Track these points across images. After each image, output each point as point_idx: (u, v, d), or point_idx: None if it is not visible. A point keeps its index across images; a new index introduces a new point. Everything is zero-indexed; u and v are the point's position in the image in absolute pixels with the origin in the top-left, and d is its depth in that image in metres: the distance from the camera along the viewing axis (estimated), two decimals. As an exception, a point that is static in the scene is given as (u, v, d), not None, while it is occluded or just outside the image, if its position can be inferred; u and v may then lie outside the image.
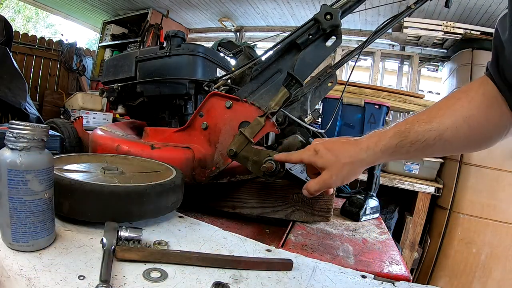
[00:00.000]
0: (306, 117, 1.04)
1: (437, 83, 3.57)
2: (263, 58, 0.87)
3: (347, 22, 3.35)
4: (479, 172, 2.06)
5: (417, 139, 0.52)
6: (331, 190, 0.67)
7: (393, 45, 3.45)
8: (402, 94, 2.41)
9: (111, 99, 1.17)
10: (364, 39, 1.47)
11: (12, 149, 0.43)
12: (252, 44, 1.74)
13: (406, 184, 2.16)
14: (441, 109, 0.53)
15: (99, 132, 0.93)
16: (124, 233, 0.50)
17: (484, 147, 0.55)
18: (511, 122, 0.50)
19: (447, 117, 0.51)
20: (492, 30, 2.41)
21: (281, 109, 0.75)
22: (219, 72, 1.10)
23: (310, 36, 0.80)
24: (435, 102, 0.57)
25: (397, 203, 2.38)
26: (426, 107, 0.58)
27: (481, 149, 0.55)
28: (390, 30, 2.73)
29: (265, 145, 1.05)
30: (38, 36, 4.00)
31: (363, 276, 0.56)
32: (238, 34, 3.98)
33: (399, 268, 0.65)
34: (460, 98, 0.52)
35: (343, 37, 0.85)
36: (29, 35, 3.93)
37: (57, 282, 0.40)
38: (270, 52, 0.85)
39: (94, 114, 3.20)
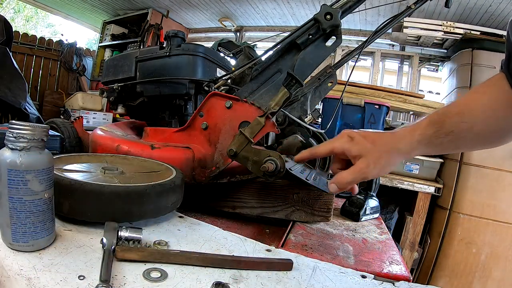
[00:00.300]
0: (306, 117, 1.04)
1: (437, 83, 3.57)
2: (263, 58, 0.87)
3: (347, 22, 3.35)
4: (479, 172, 2.06)
5: (450, 130, 0.52)
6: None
7: (393, 45, 3.45)
8: (402, 94, 2.41)
9: (111, 99, 1.17)
10: (364, 39, 1.47)
11: (12, 149, 0.43)
12: (252, 44, 1.74)
13: (406, 184, 2.16)
14: (470, 102, 0.54)
15: (99, 132, 0.93)
16: (124, 233, 0.50)
17: (503, 143, 0.55)
18: None
19: (477, 110, 0.52)
20: (492, 30, 2.42)
21: (281, 109, 0.75)
22: (219, 72, 1.10)
23: (310, 36, 0.80)
24: (460, 97, 0.57)
25: (397, 203, 2.38)
26: (425, 107, 0.60)
27: (499, 145, 0.55)
28: (390, 30, 2.73)
29: (265, 145, 1.05)
30: (38, 36, 4.00)
31: (363, 276, 0.56)
32: (238, 34, 3.98)
33: (399, 268, 0.65)
34: (485, 93, 0.53)
35: (343, 37, 0.84)
36: (29, 35, 3.93)
37: (57, 282, 0.40)
38: (270, 52, 0.85)
39: (94, 114, 3.20)
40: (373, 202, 1.02)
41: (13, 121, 0.44)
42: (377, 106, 2.06)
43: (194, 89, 1.03)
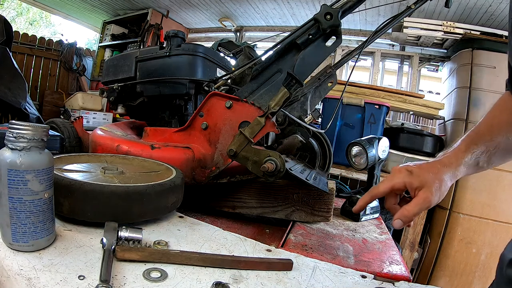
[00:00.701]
0: (306, 117, 1.04)
1: (437, 83, 3.57)
2: (263, 58, 0.87)
3: (347, 22, 3.35)
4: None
5: (484, 150, 0.59)
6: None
7: (393, 45, 3.45)
8: (402, 94, 2.41)
9: (111, 99, 1.17)
10: (364, 39, 1.47)
11: (12, 149, 0.43)
12: (252, 44, 1.74)
13: (406, 184, 2.15)
14: (492, 121, 0.62)
15: (99, 132, 0.93)
16: (124, 233, 0.50)
17: None
18: None
19: (498, 129, 0.60)
20: (492, 30, 2.41)
21: (281, 109, 0.75)
22: (219, 72, 1.10)
23: (310, 36, 0.80)
24: (484, 116, 0.65)
25: (397, 203, 2.38)
26: (425, 107, 0.64)
27: None
28: (390, 30, 2.73)
29: (265, 145, 1.05)
30: (38, 36, 4.00)
31: (363, 276, 0.56)
32: (238, 34, 3.98)
33: (399, 268, 0.65)
34: (502, 111, 0.62)
35: (343, 37, 0.85)
36: (29, 35, 3.93)
37: (57, 282, 0.40)
38: (270, 52, 0.85)
39: (94, 114, 3.20)
40: (373, 202, 1.02)
41: (13, 121, 0.44)
42: (377, 106, 2.06)
43: (194, 89, 1.03)
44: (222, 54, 1.28)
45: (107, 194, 0.55)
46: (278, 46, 0.84)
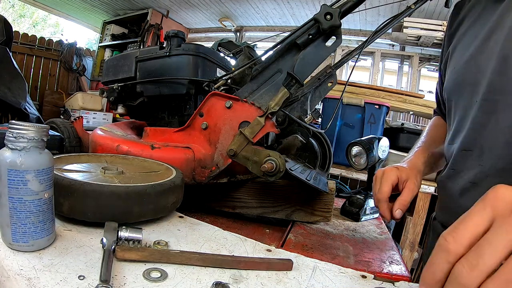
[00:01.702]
0: (306, 117, 1.04)
1: (437, 83, 3.56)
2: (263, 58, 0.87)
3: (347, 22, 3.35)
4: (479, 172, 2.05)
5: (433, 155, 0.81)
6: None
7: (393, 45, 3.45)
8: (402, 94, 2.41)
9: (111, 99, 1.17)
10: (364, 39, 1.47)
11: (12, 149, 0.43)
12: (252, 44, 1.74)
13: (406, 184, 2.15)
14: (433, 134, 0.89)
15: (99, 132, 0.93)
16: (124, 233, 0.50)
17: None
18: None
19: (439, 140, 0.84)
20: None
21: (281, 109, 0.75)
22: (219, 72, 1.10)
23: (310, 36, 0.80)
24: (426, 130, 0.94)
25: (397, 203, 2.38)
26: (425, 107, 0.77)
27: None
28: (390, 30, 2.73)
29: (265, 145, 1.05)
30: (38, 36, 4.00)
31: (363, 276, 0.56)
32: (238, 34, 3.98)
33: (399, 268, 0.65)
34: (437, 127, 0.92)
35: (343, 37, 0.84)
36: (29, 35, 3.93)
37: (57, 282, 0.40)
38: (270, 52, 0.85)
39: (94, 114, 3.20)
40: (373, 202, 1.02)
41: (13, 121, 0.44)
42: (377, 106, 2.06)
43: (194, 89, 1.03)
44: (222, 54, 1.28)
45: (107, 194, 0.55)
46: (278, 46, 0.84)
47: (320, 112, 1.20)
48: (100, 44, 4.14)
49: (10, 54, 2.30)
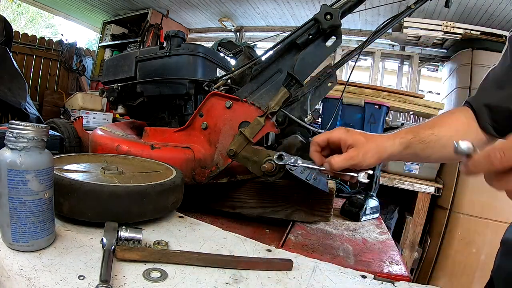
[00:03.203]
0: (306, 117, 1.04)
1: (437, 83, 3.57)
2: (263, 58, 0.87)
3: (347, 22, 3.35)
4: (479, 172, 2.05)
5: (422, 139, 0.64)
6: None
7: (393, 45, 3.45)
8: (402, 94, 2.41)
9: (111, 99, 1.17)
10: (364, 39, 1.47)
11: (12, 149, 0.43)
12: (252, 44, 1.74)
13: (406, 184, 2.16)
14: (440, 120, 0.70)
15: (99, 132, 0.93)
16: (124, 233, 0.50)
17: None
18: (483, 139, 0.67)
19: (444, 127, 0.66)
20: (492, 30, 2.41)
21: (281, 109, 0.75)
22: (219, 72, 1.10)
23: (310, 36, 0.80)
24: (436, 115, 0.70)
25: (397, 203, 2.38)
26: (425, 107, 0.66)
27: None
28: (390, 30, 2.73)
29: (265, 145, 1.05)
30: (38, 36, 4.00)
31: (363, 276, 0.56)
32: (238, 34, 3.98)
33: (399, 268, 0.65)
34: (453, 113, 0.71)
35: (343, 37, 0.84)
36: (29, 35, 3.93)
37: (57, 282, 0.40)
38: (270, 52, 0.85)
39: (94, 114, 3.20)
40: (373, 202, 1.02)
41: (13, 121, 0.44)
42: (377, 106, 2.06)
43: (194, 89, 1.03)
44: (222, 54, 1.28)
45: (107, 194, 0.55)
46: (278, 46, 0.84)
47: (320, 112, 1.20)
48: (100, 44, 4.14)
49: (10, 54, 2.30)
